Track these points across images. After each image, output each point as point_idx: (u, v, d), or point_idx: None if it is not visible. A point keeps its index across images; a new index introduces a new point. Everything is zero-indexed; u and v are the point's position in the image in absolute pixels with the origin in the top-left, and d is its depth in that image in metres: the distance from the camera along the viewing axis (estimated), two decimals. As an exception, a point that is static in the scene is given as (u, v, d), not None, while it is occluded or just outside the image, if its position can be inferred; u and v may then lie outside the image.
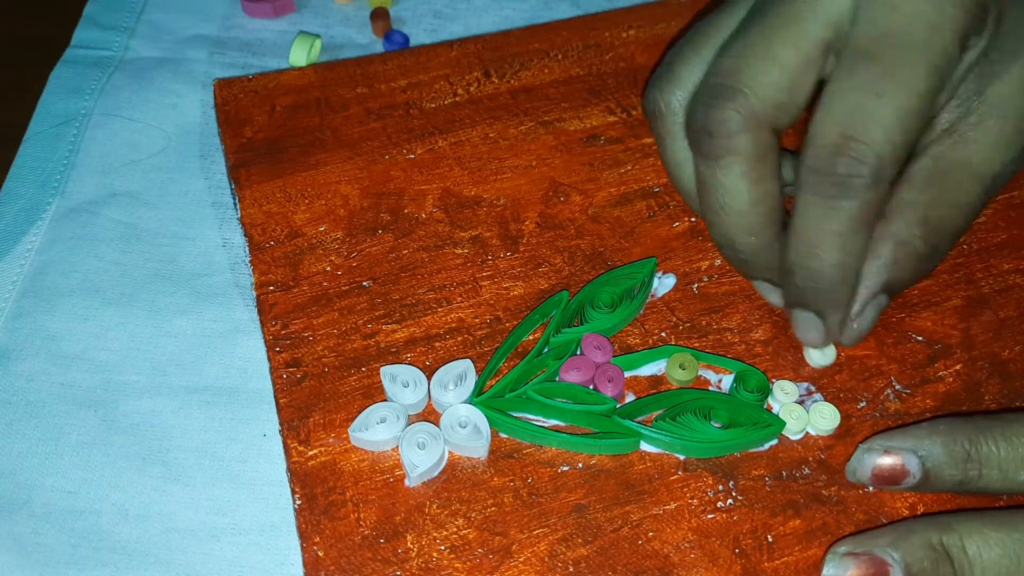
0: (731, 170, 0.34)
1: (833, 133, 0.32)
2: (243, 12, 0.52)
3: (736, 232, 0.35)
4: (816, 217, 0.33)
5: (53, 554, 0.34)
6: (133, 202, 0.44)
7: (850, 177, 0.32)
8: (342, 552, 0.33)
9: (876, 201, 0.33)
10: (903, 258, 0.35)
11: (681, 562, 0.33)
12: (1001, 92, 0.35)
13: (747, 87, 0.34)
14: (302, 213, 0.41)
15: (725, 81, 0.34)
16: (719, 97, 0.34)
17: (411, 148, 0.43)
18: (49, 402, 0.38)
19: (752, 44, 0.34)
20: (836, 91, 0.33)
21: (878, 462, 0.33)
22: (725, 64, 0.34)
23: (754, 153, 0.34)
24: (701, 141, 0.35)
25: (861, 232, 0.33)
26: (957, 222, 0.35)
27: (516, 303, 0.39)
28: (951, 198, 0.35)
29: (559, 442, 0.35)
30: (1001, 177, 0.36)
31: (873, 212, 0.33)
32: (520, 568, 0.32)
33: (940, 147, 0.35)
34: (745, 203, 0.35)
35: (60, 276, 0.41)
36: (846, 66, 0.33)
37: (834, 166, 0.32)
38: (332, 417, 0.36)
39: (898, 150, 0.32)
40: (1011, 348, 0.38)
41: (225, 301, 0.41)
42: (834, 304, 0.35)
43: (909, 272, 0.35)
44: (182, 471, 0.36)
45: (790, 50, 0.34)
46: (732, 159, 0.34)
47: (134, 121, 0.47)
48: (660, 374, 0.37)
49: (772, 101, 0.34)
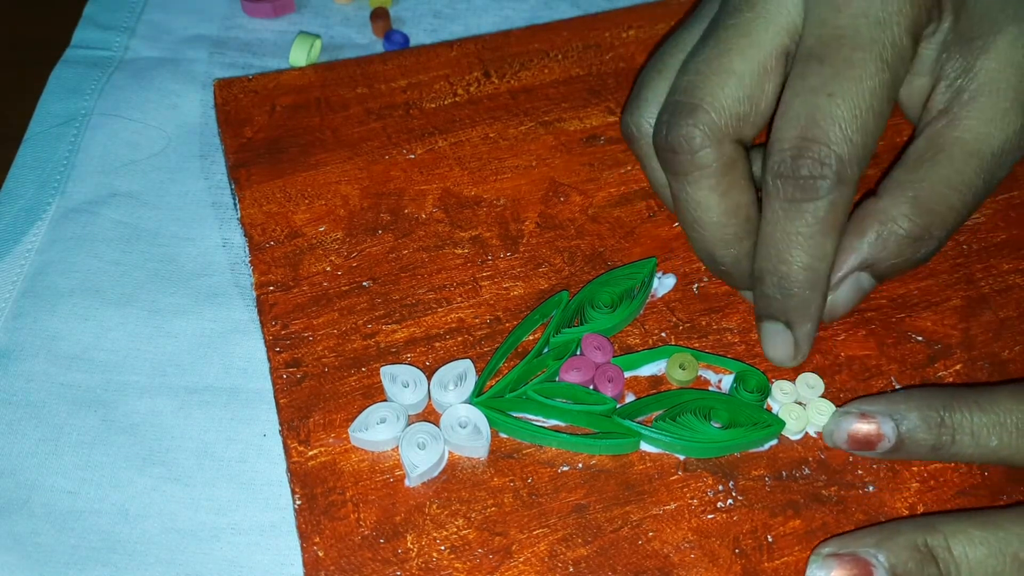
0: (699, 185, 0.35)
1: (792, 136, 0.33)
2: (243, 12, 0.52)
3: (714, 245, 0.36)
4: (782, 221, 0.33)
5: (53, 554, 0.34)
6: (133, 202, 0.44)
7: (813, 179, 0.32)
8: (342, 552, 0.33)
9: (842, 202, 0.33)
10: (889, 237, 0.35)
11: (681, 562, 0.33)
12: (989, 67, 0.35)
13: (705, 102, 0.34)
14: (302, 213, 0.41)
15: (684, 99, 0.34)
16: (679, 114, 0.34)
17: (411, 148, 0.43)
18: (49, 402, 0.38)
19: (707, 59, 0.35)
20: (791, 95, 0.33)
21: (854, 426, 0.34)
22: (683, 82, 0.35)
23: (719, 166, 0.34)
24: (667, 159, 0.35)
25: (829, 235, 0.33)
26: (951, 201, 0.34)
27: (516, 303, 0.39)
28: (945, 176, 0.34)
29: (559, 442, 0.35)
30: (1002, 155, 0.35)
31: (840, 214, 0.33)
32: (520, 568, 0.32)
33: (934, 127, 0.35)
34: (718, 215, 0.35)
35: (60, 276, 0.41)
36: (798, 70, 0.33)
37: (797, 169, 0.32)
38: (332, 417, 0.36)
39: (858, 149, 0.32)
40: (1011, 348, 0.38)
41: (225, 301, 0.41)
42: (802, 314, 0.35)
43: (894, 252, 0.35)
44: (182, 471, 0.36)
45: (745, 62, 0.34)
46: (698, 174, 0.34)
47: (134, 121, 0.47)
48: (660, 374, 0.37)
49: (732, 113, 0.34)
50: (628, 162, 0.43)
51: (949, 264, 0.40)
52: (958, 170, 0.34)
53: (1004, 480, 0.34)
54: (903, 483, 0.34)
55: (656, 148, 0.36)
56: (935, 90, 0.36)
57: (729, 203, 0.35)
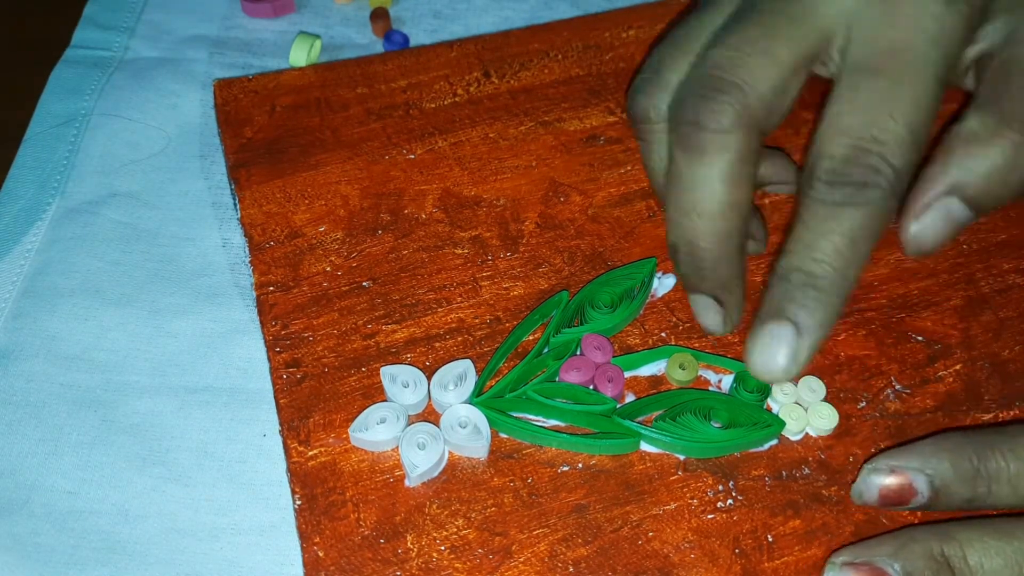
0: (713, 168, 0.33)
1: (845, 146, 0.31)
2: (243, 12, 0.52)
3: (702, 236, 0.34)
4: (825, 225, 0.31)
5: (53, 554, 0.34)
6: (133, 202, 0.44)
7: (866, 184, 0.31)
8: (342, 552, 0.33)
9: (886, 214, 0.31)
10: (978, 153, 0.32)
11: (681, 562, 0.33)
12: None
13: (744, 82, 0.32)
14: (302, 213, 0.41)
15: (722, 74, 0.33)
16: (715, 89, 0.32)
17: (411, 148, 0.43)
18: (49, 402, 0.38)
19: (750, 39, 0.33)
20: (842, 106, 0.32)
21: (885, 482, 0.32)
22: (721, 56, 0.33)
23: (741, 153, 0.33)
24: (688, 134, 0.33)
25: (866, 243, 0.31)
26: None
27: (516, 303, 0.39)
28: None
29: (559, 442, 0.35)
30: None
31: (881, 226, 0.31)
32: (520, 568, 0.32)
33: (1002, 55, 0.33)
34: (720, 206, 0.33)
35: (60, 276, 0.41)
36: (850, 81, 0.32)
37: (849, 174, 0.31)
38: (332, 417, 0.36)
39: (910, 165, 0.31)
40: (1011, 348, 0.38)
41: (225, 301, 0.41)
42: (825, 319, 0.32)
43: (986, 173, 0.32)
44: (182, 471, 0.36)
45: (788, 50, 0.33)
46: (718, 156, 0.32)
47: (134, 121, 0.47)
48: (660, 374, 0.37)
49: (766, 101, 0.33)
50: (628, 162, 0.43)
51: (949, 264, 0.40)
52: None
53: (1004, 480, 0.34)
54: (903, 483, 0.34)
55: (676, 122, 0.34)
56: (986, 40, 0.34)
57: (735, 196, 0.33)
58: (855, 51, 0.32)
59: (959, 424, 0.36)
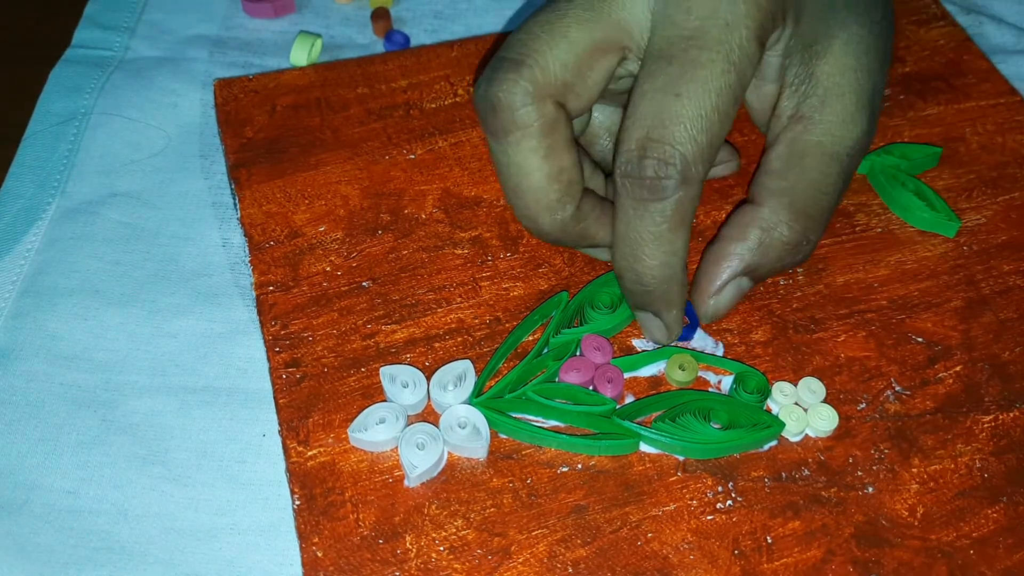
0: (520, 146, 0.34)
1: (638, 136, 0.33)
2: (243, 12, 0.52)
3: (537, 212, 0.35)
4: (633, 221, 0.33)
5: (53, 554, 0.34)
6: (133, 202, 0.44)
7: (658, 179, 0.32)
8: (341, 552, 0.33)
9: (688, 200, 0.33)
10: (770, 243, 0.36)
11: (680, 563, 0.33)
12: (830, 72, 0.35)
13: (530, 58, 0.33)
14: (302, 213, 0.41)
15: (509, 55, 0.34)
16: (501, 70, 0.34)
17: (411, 148, 0.43)
18: (49, 402, 0.38)
19: (542, 22, 0.34)
20: (639, 95, 0.33)
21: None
22: (513, 39, 0.34)
23: (541, 126, 0.34)
24: (487, 119, 0.34)
25: (679, 231, 0.34)
26: (822, 204, 0.36)
27: (516, 304, 0.39)
28: (814, 181, 0.35)
29: (558, 443, 0.35)
30: (856, 154, 0.36)
31: (688, 211, 0.33)
32: (519, 569, 0.32)
33: (792, 132, 0.36)
34: (540, 179, 0.34)
35: (60, 276, 0.41)
36: (647, 69, 0.33)
37: (642, 169, 0.32)
38: (331, 417, 0.36)
39: (703, 148, 0.32)
40: (1011, 350, 0.38)
41: (225, 301, 0.41)
42: (666, 303, 0.35)
43: (775, 258, 0.36)
44: (182, 471, 0.36)
45: (580, 31, 0.34)
46: (519, 134, 0.34)
47: (134, 121, 0.47)
48: (660, 375, 0.37)
49: (558, 76, 0.34)
50: (628, 163, 0.43)
51: (949, 265, 0.40)
52: (824, 173, 0.35)
53: (1004, 481, 0.34)
54: (903, 484, 0.34)
55: (477, 109, 0.35)
56: (782, 96, 0.36)
57: (551, 166, 0.34)
58: (654, 41, 0.34)
59: (959, 426, 0.36)
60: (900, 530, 0.33)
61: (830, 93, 0.35)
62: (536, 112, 0.34)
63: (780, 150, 0.36)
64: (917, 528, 0.33)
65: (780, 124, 0.36)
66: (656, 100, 0.33)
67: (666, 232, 0.33)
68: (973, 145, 0.44)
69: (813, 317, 0.38)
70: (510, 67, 0.34)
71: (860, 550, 0.33)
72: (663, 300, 0.35)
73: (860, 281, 0.39)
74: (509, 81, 0.33)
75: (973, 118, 0.45)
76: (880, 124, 0.44)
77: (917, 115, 0.45)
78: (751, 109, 0.38)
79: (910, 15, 0.49)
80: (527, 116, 0.34)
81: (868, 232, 0.41)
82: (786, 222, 0.35)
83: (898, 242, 0.41)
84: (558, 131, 0.34)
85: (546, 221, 0.35)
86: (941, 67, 0.47)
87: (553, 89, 0.34)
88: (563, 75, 0.34)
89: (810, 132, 0.35)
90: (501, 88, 0.33)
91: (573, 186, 0.35)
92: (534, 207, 0.35)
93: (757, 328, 0.38)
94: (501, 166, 0.35)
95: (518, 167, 0.34)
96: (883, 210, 0.42)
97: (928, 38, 0.48)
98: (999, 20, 0.51)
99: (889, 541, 0.33)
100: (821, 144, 0.35)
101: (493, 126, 0.34)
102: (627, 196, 0.33)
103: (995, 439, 0.35)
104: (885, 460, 0.35)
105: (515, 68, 0.33)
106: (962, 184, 0.43)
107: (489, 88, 0.34)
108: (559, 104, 0.34)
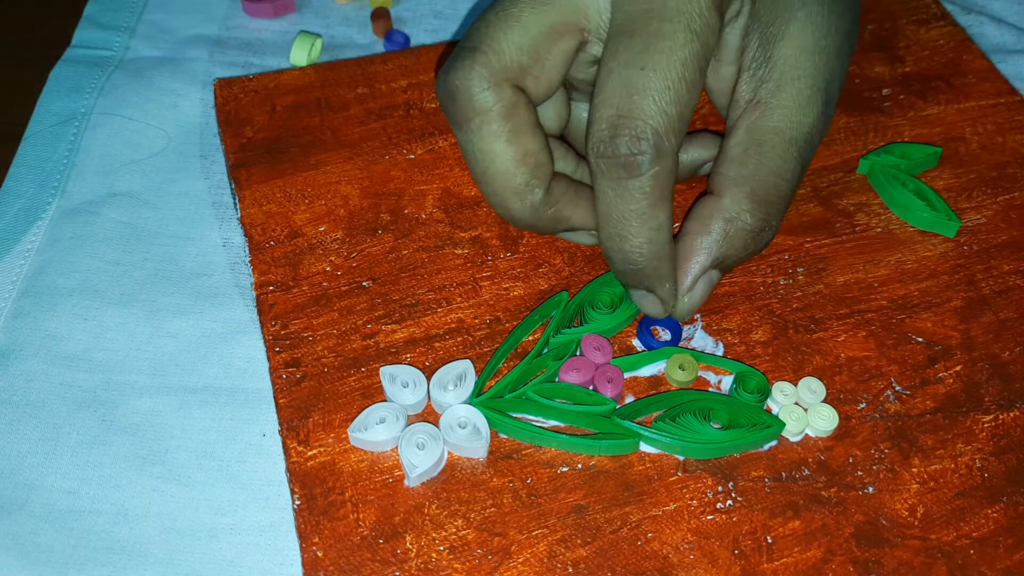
0: (482, 133, 0.34)
1: (608, 115, 0.33)
2: (243, 12, 0.52)
3: (506, 197, 0.35)
4: (614, 201, 0.33)
5: (53, 554, 0.34)
6: (133, 202, 0.44)
7: (632, 155, 0.32)
8: (341, 552, 0.33)
9: (665, 173, 0.33)
10: (734, 233, 0.35)
11: (680, 563, 0.33)
12: (787, 55, 0.35)
13: (485, 44, 0.34)
14: (302, 213, 0.41)
15: (465, 43, 0.34)
16: (457, 59, 0.34)
17: (411, 148, 0.43)
18: (49, 402, 0.38)
19: (498, 9, 0.35)
20: (604, 73, 0.33)
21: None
22: (470, 29, 0.35)
23: (500, 109, 0.34)
24: (449, 108, 0.35)
25: (660, 206, 0.34)
26: (782, 190, 0.36)
27: (516, 304, 0.39)
28: (772, 167, 0.35)
29: (559, 443, 0.35)
30: (812, 139, 0.36)
31: (666, 184, 0.33)
32: (519, 569, 0.32)
33: (750, 119, 0.36)
34: (506, 164, 0.35)
35: (60, 276, 0.41)
36: (610, 47, 0.33)
37: (616, 147, 0.32)
38: (331, 417, 0.36)
39: (674, 121, 0.33)
40: (1011, 350, 0.38)
41: (225, 301, 0.41)
42: (658, 279, 0.35)
43: (740, 247, 0.36)
44: (182, 471, 0.36)
45: (534, 15, 0.34)
46: (480, 120, 0.34)
47: (134, 121, 0.47)
48: (660, 375, 0.37)
49: (513, 59, 0.34)
50: (628, 162, 0.43)
51: (950, 265, 0.40)
52: (782, 159, 0.35)
53: (1004, 481, 0.34)
54: (903, 484, 0.34)
55: (440, 100, 0.35)
56: (740, 79, 0.36)
57: (516, 150, 0.34)
58: (615, 18, 0.34)
59: (960, 426, 0.36)
60: (900, 530, 0.33)
61: (786, 76, 0.35)
62: (494, 96, 0.34)
63: (739, 137, 0.36)
64: (917, 528, 0.33)
65: (738, 109, 0.36)
66: (622, 76, 0.33)
67: (647, 208, 0.33)
68: (973, 145, 0.44)
69: (813, 317, 0.38)
70: (466, 55, 0.34)
71: (860, 550, 0.33)
72: (654, 276, 0.35)
73: (860, 281, 0.39)
74: (465, 68, 0.34)
75: (973, 118, 0.45)
76: (880, 124, 0.44)
77: (917, 115, 0.45)
78: (711, 92, 0.38)
79: (910, 15, 0.49)
80: (485, 100, 0.34)
81: (868, 232, 0.41)
82: (748, 211, 0.35)
83: (898, 242, 0.41)
84: (519, 114, 0.34)
85: (515, 205, 0.35)
86: (941, 67, 0.47)
87: (510, 73, 0.34)
88: (519, 58, 0.34)
89: (767, 118, 0.35)
90: (458, 75, 0.34)
91: (541, 169, 0.35)
92: (502, 192, 0.35)
93: (757, 328, 0.38)
94: (468, 155, 0.35)
95: (483, 153, 0.35)
96: (883, 210, 0.42)
97: (928, 38, 0.48)
98: (999, 20, 0.51)
99: (889, 541, 0.33)
100: (779, 130, 0.35)
101: (455, 114, 0.34)
102: (604, 177, 0.33)
103: (995, 439, 0.35)
104: (885, 460, 0.35)
105: (471, 55, 0.34)
106: (962, 184, 0.43)
107: (447, 77, 0.34)
108: (518, 88, 0.34)
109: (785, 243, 0.40)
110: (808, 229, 0.41)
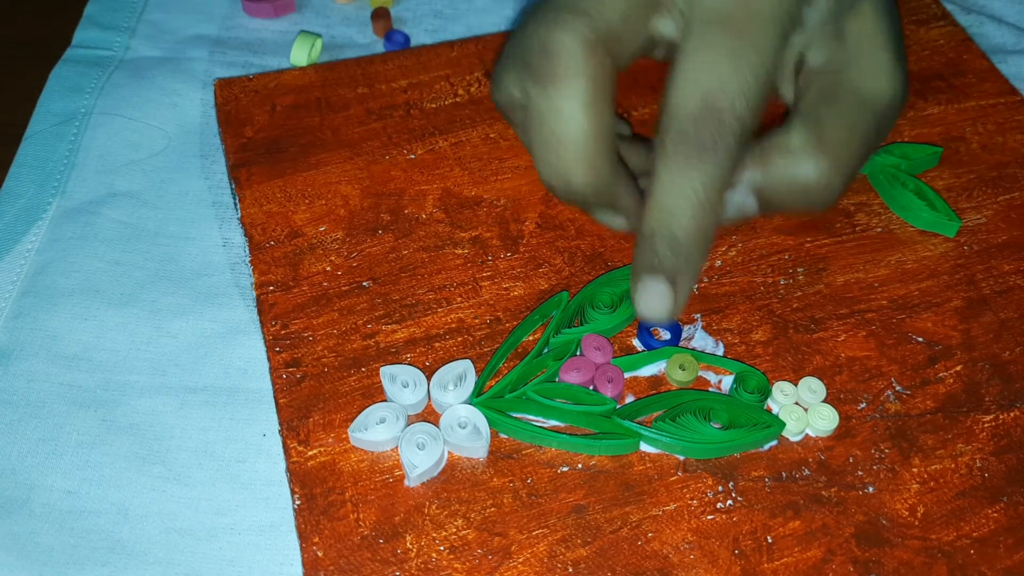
0: (568, 95, 0.33)
1: (695, 101, 0.32)
2: (244, 12, 0.52)
3: (573, 166, 0.34)
4: (679, 180, 0.32)
5: (53, 554, 0.34)
6: (133, 202, 0.44)
7: (716, 142, 0.32)
8: (341, 552, 0.33)
9: (734, 162, 0.33)
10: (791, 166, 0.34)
11: (680, 563, 0.33)
12: (862, 30, 0.35)
13: (592, 9, 0.33)
14: (302, 213, 0.41)
15: (566, 2, 0.33)
16: (559, 18, 0.33)
17: (411, 148, 0.43)
18: (49, 402, 0.38)
19: None
20: (691, 59, 0.33)
21: None
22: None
23: (596, 78, 0.33)
24: (539, 64, 0.33)
25: (722, 192, 0.33)
26: (852, 147, 0.34)
27: (516, 304, 0.39)
28: (848, 122, 0.34)
29: (559, 443, 0.35)
30: (892, 109, 0.35)
31: (730, 175, 0.33)
32: (519, 569, 0.32)
33: (825, 80, 0.35)
34: (583, 134, 0.33)
35: (60, 276, 0.41)
36: (697, 33, 0.33)
37: (701, 132, 0.32)
38: (332, 417, 0.36)
39: (756, 112, 0.33)
40: (1011, 350, 0.38)
41: (225, 301, 0.41)
42: (691, 267, 0.34)
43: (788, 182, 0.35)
44: (182, 471, 0.36)
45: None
46: (573, 83, 0.33)
47: (134, 121, 0.47)
48: (660, 375, 0.37)
49: (614, 27, 0.33)
50: (628, 162, 0.43)
51: (950, 265, 0.40)
52: (858, 115, 0.35)
53: (1004, 481, 0.34)
54: (903, 484, 0.34)
55: (525, 55, 0.34)
56: (809, 52, 0.36)
57: (596, 119, 0.33)
58: (703, 6, 0.33)
59: (960, 426, 0.36)
60: (900, 530, 0.33)
61: (863, 49, 0.35)
62: (595, 64, 0.33)
63: (813, 92, 0.35)
64: (917, 528, 0.33)
65: (808, 77, 0.35)
66: (711, 65, 0.32)
67: (712, 195, 0.33)
68: (973, 145, 0.44)
69: (813, 317, 0.38)
70: (569, 11, 0.33)
71: (860, 550, 0.33)
72: (688, 262, 0.34)
73: (860, 281, 0.39)
74: (567, 24, 0.33)
75: (973, 118, 0.45)
76: (880, 124, 0.44)
77: (917, 115, 0.45)
78: None
79: (910, 15, 0.49)
80: (584, 66, 0.33)
81: (868, 232, 0.41)
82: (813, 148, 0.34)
83: (898, 242, 0.41)
84: (608, 89, 0.33)
85: (579, 176, 0.34)
86: (941, 67, 0.47)
87: (608, 38, 0.33)
88: (618, 25, 0.33)
89: (846, 79, 0.35)
90: (559, 30, 0.33)
91: (611, 149, 0.34)
92: (571, 159, 0.34)
93: (757, 328, 0.38)
94: (541, 115, 0.34)
95: (563, 116, 0.33)
96: (883, 210, 0.42)
97: (928, 38, 0.48)
98: (999, 20, 0.51)
99: (889, 541, 0.33)
100: (858, 91, 0.35)
101: (543, 71, 0.33)
102: (676, 157, 0.32)
103: (995, 439, 0.35)
104: (885, 460, 0.35)
105: (574, 13, 0.33)
106: (962, 184, 0.43)
107: (547, 31, 0.33)
108: (613, 60, 0.33)
109: (785, 243, 0.40)
110: (808, 229, 0.41)
